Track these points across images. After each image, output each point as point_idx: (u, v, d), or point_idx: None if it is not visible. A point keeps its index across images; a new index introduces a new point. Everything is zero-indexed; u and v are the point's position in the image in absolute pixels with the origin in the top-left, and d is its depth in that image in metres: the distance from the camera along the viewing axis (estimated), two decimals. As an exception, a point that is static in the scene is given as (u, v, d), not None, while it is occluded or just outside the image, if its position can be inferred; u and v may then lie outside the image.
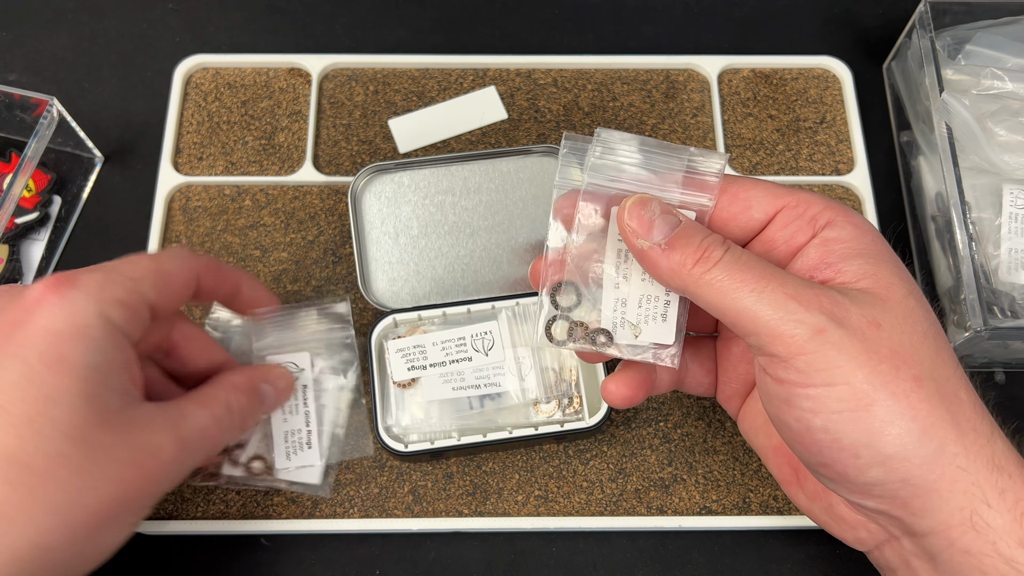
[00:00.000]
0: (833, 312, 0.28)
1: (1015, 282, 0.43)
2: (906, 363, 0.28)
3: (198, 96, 0.53)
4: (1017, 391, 0.46)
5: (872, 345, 0.28)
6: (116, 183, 0.51)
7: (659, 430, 0.45)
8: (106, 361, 0.32)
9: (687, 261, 0.30)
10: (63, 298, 0.32)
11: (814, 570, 0.43)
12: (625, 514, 0.43)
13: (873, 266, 0.30)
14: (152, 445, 0.32)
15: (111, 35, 0.55)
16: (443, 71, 0.53)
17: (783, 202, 0.32)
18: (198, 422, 0.35)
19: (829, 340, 0.28)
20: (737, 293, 0.29)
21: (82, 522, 0.31)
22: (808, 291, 0.29)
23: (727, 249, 0.30)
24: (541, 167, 0.47)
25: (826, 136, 0.52)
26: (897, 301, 0.30)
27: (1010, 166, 0.44)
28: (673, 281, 0.31)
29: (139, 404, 0.33)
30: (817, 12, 0.57)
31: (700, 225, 0.31)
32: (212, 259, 0.39)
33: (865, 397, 0.28)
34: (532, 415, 0.43)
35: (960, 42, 0.48)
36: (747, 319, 0.29)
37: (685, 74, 0.54)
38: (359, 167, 0.51)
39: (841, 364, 0.28)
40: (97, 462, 0.31)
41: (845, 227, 0.31)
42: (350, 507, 0.43)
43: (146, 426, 0.33)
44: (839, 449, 0.29)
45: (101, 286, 0.33)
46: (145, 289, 0.34)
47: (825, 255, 0.31)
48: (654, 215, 0.31)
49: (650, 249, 0.31)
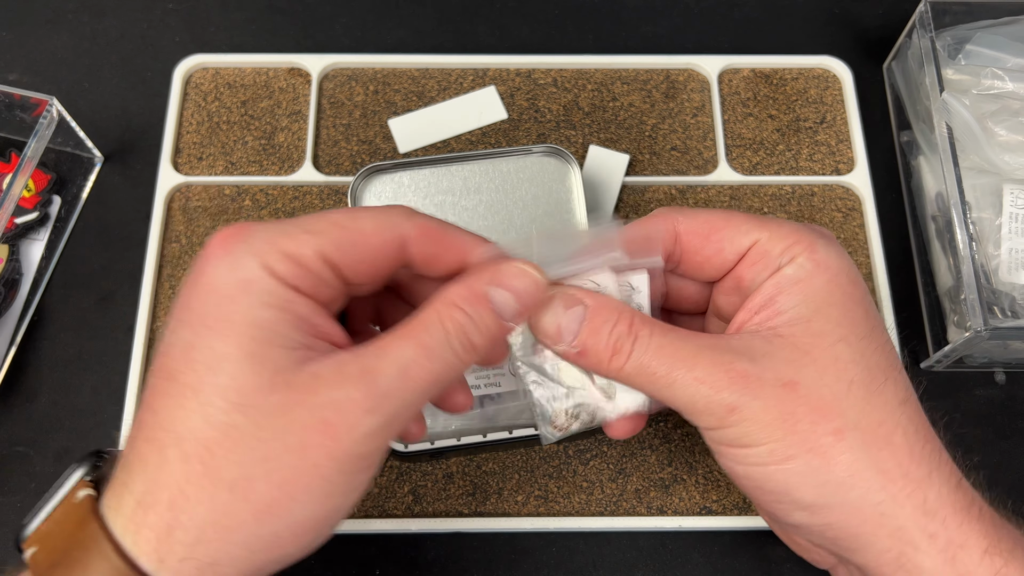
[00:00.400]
0: (744, 387, 0.29)
1: (1015, 282, 0.43)
2: (826, 417, 0.29)
3: (198, 96, 0.53)
4: (1017, 391, 0.46)
5: (788, 407, 0.29)
6: (116, 183, 0.51)
7: (659, 430, 0.45)
8: (273, 318, 0.28)
9: (602, 359, 0.31)
10: (228, 253, 0.28)
11: (814, 570, 0.43)
12: (625, 514, 0.43)
13: (810, 311, 0.31)
14: (336, 400, 0.27)
15: (111, 35, 0.55)
16: (443, 71, 0.53)
17: (754, 238, 0.32)
18: (398, 359, 0.28)
19: (743, 415, 0.29)
20: (653, 384, 0.30)
21: (264, 497, 0.26)
22: (717, 371, 0.30)
23: (635, 340, 0.30)
24: (541, 167, 0.47)
25: (826, 136, 0.52)
26: (822, 351, 0.30)
27: (1010, 166, 0.44)
28: (599, 374, 0.32)
29: (323, 358, 0.28)
30: (817, 12, 0.57)
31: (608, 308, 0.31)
32: (431, 220, 0.31)
33: (781, 454, 0.29)
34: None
35: (960, 42, 0.48)
36: (667, 401, 0.31)
37: (685, 74, 0.54)
38: (359, 167, 0.51)
39: (757, 431, 0.29)
40: (271, 429, 0.26)
41: (804, 265, 0.31)
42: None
43: (330, 379, 0.27)
44: (761, 493, 0.31)
45: (270, 238, 0.29)
46: (323, 243, 0.29)
47: (774, 293, 0.31)
48: (558, 317, 0.31)
49: (566, 352, 0.31)
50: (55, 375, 0.46)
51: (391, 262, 0.31)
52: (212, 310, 0.27)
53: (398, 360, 0.28)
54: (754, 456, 0.30)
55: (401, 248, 0.31)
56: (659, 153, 0.51)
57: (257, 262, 0.28)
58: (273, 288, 0.28)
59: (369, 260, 0.30)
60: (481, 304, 0.30)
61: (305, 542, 0.28)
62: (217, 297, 0.28)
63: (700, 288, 0.36)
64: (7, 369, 0.46)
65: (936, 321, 0.47)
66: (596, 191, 0.50)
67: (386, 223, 0.30)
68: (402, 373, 0.28)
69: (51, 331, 0.47)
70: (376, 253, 0.30)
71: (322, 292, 0.29)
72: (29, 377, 0.46)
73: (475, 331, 0.29)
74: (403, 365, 0.28)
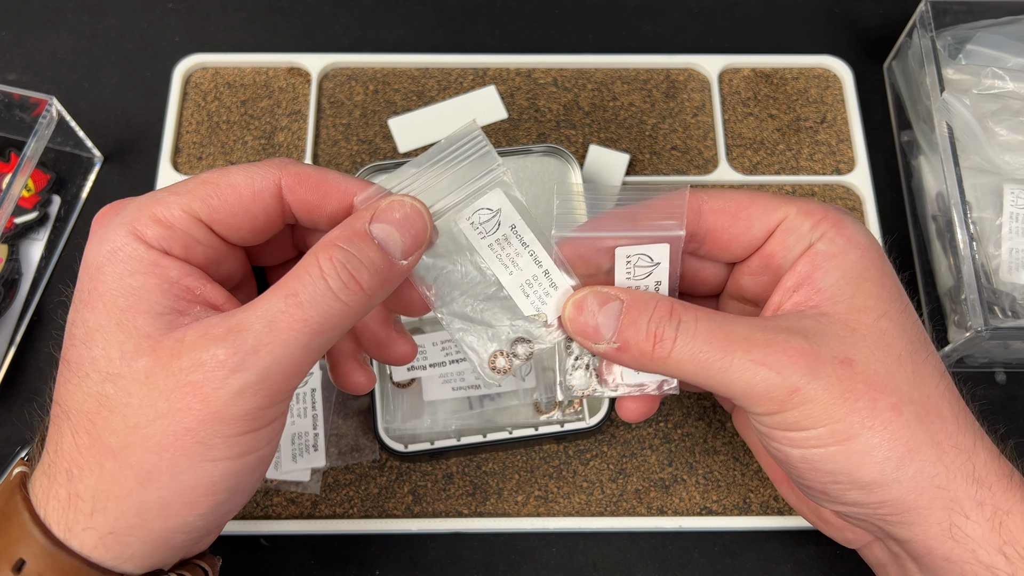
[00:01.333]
0: (805, 366, 0.29)
1: (1016, 282, 0.43)
2: (883, 393, 0.29)
3: (197, 96, 0.53)
4: (1017, 391, 0.46)
5: (848, 385, 0.29)
6: (115, 183, 0.51)
7: (659, 430, 0.45)
8: (139, 284, 0.27)
9: (644, 351, 0.30)
10: (102, 226, 0.29)
11: (814, 570, 0.43)
12: (625, 515, 0.43)
13: (850, 287, 0.30)
14: (200, 361, 0.26)
15: (111, 35, 0.55)
16: (443, 70, 0.53)
17: (782, 215, 0.32)
18: (265, 312, 0.26)
19: (804, 396, 0.29)
20: (706, 370, 0.29)
21: (144, 463, 0.26)
22: (776, 351, 0.29)
23: (679, 325, 0.29)
24: (541, 167, 0.47)
25: (827, 136, 0.52)
26: (869, 326, 0.30)
27: (1011, 166, 0.44)
28: (644, 370, 0.31)
29: (193, 321, 0.27)
30: (818, 11, 0.57)
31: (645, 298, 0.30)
32: (309, 167, 0.30)
33: (843, 433, 0.29)
34: (532, 415, 0.43)
35: (961, 41, 0.47)
36: (720, 388, 0.30)
37: (685, 73, 0.54)
38: (359, 167, 0.50)
39: (818, 412, 0.29)
40: (139, 396, 0.26)
41: (836, 240, 0.31)
42: (350, 508, 0.43)
43: (195, 341, 0.26)
44: (818, 474, 0.30)
45: (141, 205, 0.28)
46: (191, 201, 0.28)
47: (810, 270, 0.31)
48: (594, 315, 0.30)
49: (607, 351, 0.30)
50: (55, 375, 0.46)
51: (269, 214, 0.30)
52: (85, 284, 0.28)
53: (265, 314, 0.26)
54: (814, 438, 0.29)
55: (278, 198, 0.29)
56: (659, 153, 0.51)
57: (126, 230, 0.28)
58: (139, 254, 0.28)
59: (242, 213, 0.29)
60: (363, 240, 0.28)
61: (204, 508, 0.27)
62: (90, 271, 0.28)
63: (717, 270, 0.35)
64: (7, 369, 0.46)
65: (937, 321, 0.47)
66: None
67: (257, 174, 0.29)
68: (269, 326, 0.26)
69: (51, 331, 0.47)
70: (249, 205, 0.29)
71: (196, 252, 0.29)
72: (29, 377, 0.46)
73: (360, 267, 0.27)
74: (270, 318, 0.26)
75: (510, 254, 0.31)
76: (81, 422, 0.27)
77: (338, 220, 0.30)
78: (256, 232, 0.30)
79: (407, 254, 0.29)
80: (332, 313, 0.27)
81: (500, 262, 0.31)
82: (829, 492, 0.31)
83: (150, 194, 0.29)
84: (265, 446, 0.28)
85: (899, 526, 0.30)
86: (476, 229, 0.31)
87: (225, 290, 0.29)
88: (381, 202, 0.29)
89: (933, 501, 0.29)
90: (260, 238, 0.31)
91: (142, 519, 0.27)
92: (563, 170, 0.47)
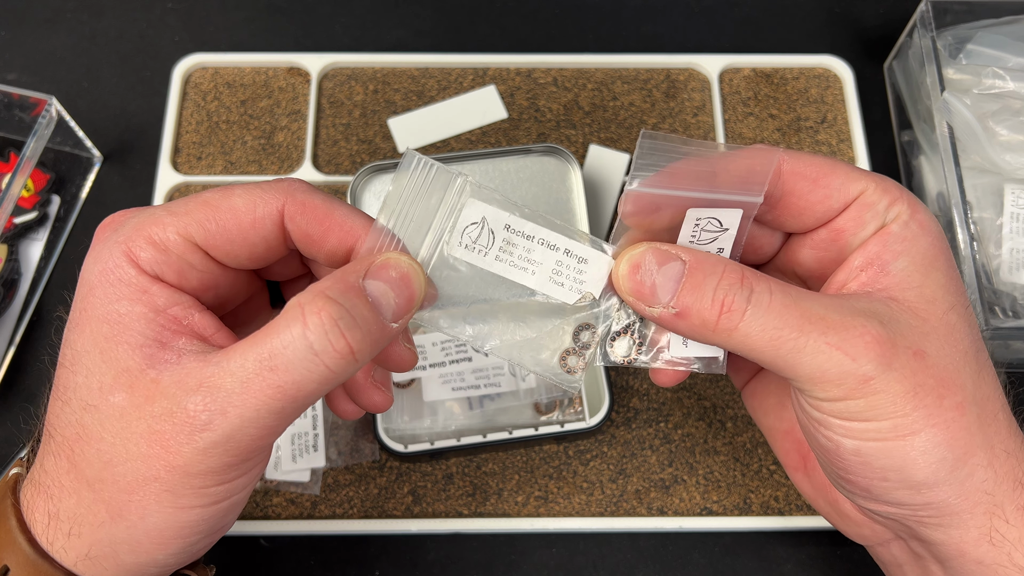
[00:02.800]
0: (880, 355, 0.27)
1: (1016, 282, 0.43)
2: (950, 390, 0.28)
3: (197, 95, 0.53)
4: (1018, 391, 0.46)
5: (919, 379, 0.27)
6: (115, 182, 0.51)
7: (659, 431, 0.45)
8: (124, 311, 0.26)
9: (706, 320, 0.27)
10: (99, 241, 0.28)
11: (815, 570, 0.43)
12: (625, 515, 0.43)
13: (921, 275, 0.29)
14: (170, 411, 0.25)
15: (111, 35, 0.55)
16: (443, 70, 0.53)
17: (861, 187, 0.29)
18: (238, 370, 0.25)
19: (875, 387, 0.27)
20: (776, 349, 0.27)
21: (116, 500, 0.26)
22: (853, 336, 0.27)
23: (750, 296, 0.27)
24: (541, 166, 0.47)
25: (827, 136, 0.52)
26: (938, 319, 0.28)
27: (1011, 166, 0.44)
28: (701, 340, 0.28)
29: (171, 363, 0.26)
30: (818, 11, 0.57)
31: (711, 261, 0.28)
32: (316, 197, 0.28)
33: (906, 429, 0.27)
34: (532, 415, 0.43)
35: (961, 41, 0.47)
36: (788, 368, 0.27)
37: (686, 73, 0.54)
38: (359, 166, 0.50)
39: (885, 404, 0.27)
40: (112, 433, 0.26)
41: (910, 224, 0.29)
42: (350, 508, 0.43)
43: (168, 388, 0.25)
44: (867, 469, 0.28)
45: (139, 223, 0.27)
46: (188, 224, 0.27)
47: (881, 252, 0.29)
48: (652, 275, 0.28)
49: (662, 315, 0.28)
50: (53, 376, 0.46)
51: (269, 242, 0.28)
52: (78, 303, 0.27)
53: (238, 372, 0.25)
54: (874, 431, 0.27)
55: (279, 226, 0.28)
56: (659, 153, 0.51)
57: (120, 250, 0.27)
58: (129, 278, 0.26)
59: (240, 240, 0.28)
60: (357, 296, 0.26)
61: (174, 549, 0.27)
62: (83, 290, 0.27)
63: (773, 239, 0.32)
64: (7, 369, 0.46)
65: (937, 321, 0.47)
66: (596, 190, 0.50)
67: (260, 199, 0.28)
68: (242, 386, 0.25)
69: (51, 331, 0.47)
70: (248, 232, 0.28)
71: (191, 277, 0.27)
72: (29, 377, 0.46)
73: (352, 325, 0.25)
74: (243, 378, 0.25)
75: (521, 255, 0.29)
76: (63, 446, 0.27)
77: (338, 258, 0.28)
78: (255, 259, 0.29)
79: (398, 316, 0.27)
80: (311, 379, 0.25)
81: (516, 268, 0.29)
82: (872, 489, 0.29)
83: (150, 211, 0.28)
84: (240, 492, 0.27)
85: (934, 528, 0.29)
86: (473, 250, 0.28)
87: (216, 319, 0.28)
88: (376, 258, 0.27)
89: (977, 506, 0.28)
90: (260, 264, 0.30)
91: (114, 551, 0.27)
92: (563, 170, 0.47)
